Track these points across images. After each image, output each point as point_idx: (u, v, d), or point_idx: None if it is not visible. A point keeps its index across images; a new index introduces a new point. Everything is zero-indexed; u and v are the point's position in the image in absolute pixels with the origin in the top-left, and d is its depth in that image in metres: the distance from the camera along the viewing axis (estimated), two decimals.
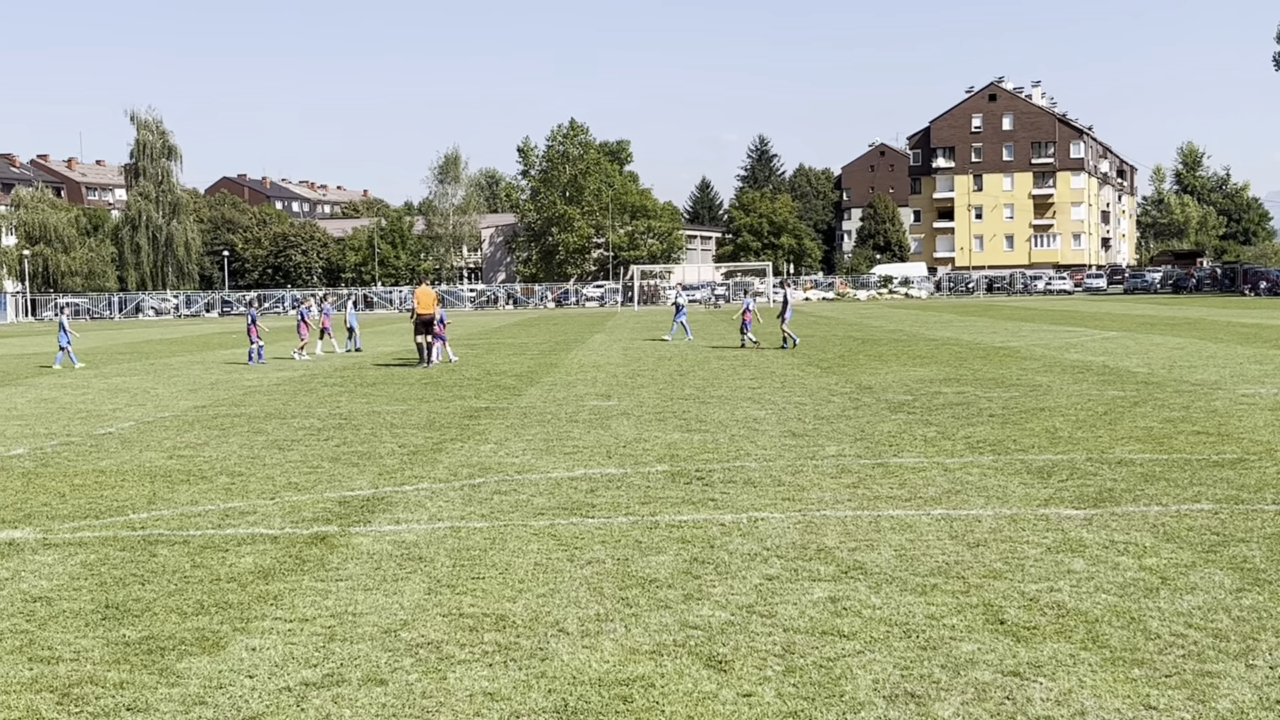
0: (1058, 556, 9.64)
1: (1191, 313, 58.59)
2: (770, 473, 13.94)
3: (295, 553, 10.38)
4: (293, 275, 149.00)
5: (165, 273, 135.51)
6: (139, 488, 13.96)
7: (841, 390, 23.19)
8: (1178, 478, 12.95)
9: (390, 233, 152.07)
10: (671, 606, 8.51)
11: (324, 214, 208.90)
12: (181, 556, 10.35)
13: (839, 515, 11.45)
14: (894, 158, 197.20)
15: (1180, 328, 43.86)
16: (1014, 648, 7.46)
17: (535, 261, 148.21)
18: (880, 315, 67.35)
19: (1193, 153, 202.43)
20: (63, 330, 37.30)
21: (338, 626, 8.23)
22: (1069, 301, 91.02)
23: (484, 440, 17.36)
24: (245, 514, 12.23)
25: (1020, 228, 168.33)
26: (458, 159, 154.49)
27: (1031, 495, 12.21)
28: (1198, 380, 23.25)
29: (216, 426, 19.86)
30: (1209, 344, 34.01)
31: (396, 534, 11.08)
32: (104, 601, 8.97)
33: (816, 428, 17.84)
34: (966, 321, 54.42)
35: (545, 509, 12.10)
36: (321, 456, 16.09)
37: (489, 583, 9.25)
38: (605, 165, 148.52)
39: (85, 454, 16.97)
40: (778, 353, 34.90)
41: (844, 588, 8.88)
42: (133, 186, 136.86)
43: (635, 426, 18.49)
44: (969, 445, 15.68)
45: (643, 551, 10.14)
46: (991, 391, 22.12)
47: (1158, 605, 8.25)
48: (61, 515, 12.40)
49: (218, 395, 25.65)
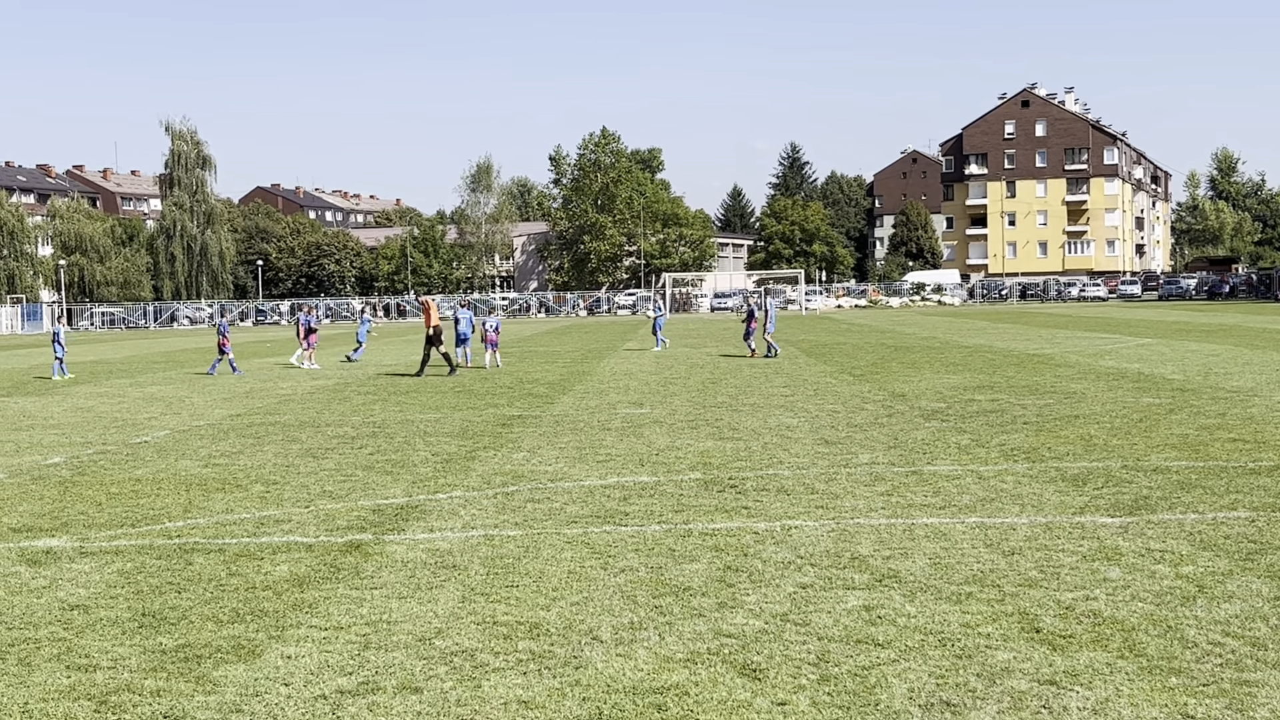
0: (1094, 565, 9.59)
1: (1227, 319, 58.22)
2: (803, 480, 13.91)
3: (330, 561, 10.41)
4: (326, 284, 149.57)
5: (200, 282, 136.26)
6: (175, 496, 14.04)
7: (874, 398, 23.13)
8: (1214, 485, 12.87)
9: (423, 241, 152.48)
10: (705, 615, 8.50)
11: (357, 223, 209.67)
12: (217, 565, 10.40)
13: (873, 523, 11.43)
14: (926, 164, 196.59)
15: (1215, 334, 43.59)
16: (1050, 656, 7.42)
17: (567, 270, 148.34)
18: (913, 322, 67.17)
19: (1227, 158, 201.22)
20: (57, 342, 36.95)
21: (372, 634, 8.25)
22: (1103, 308, 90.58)
23: (517, 448, 17.39)
24: (280, 522, 12.28)
25: (1054, 234, 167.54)
26: (490, 168, 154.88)
27: (1067, 503, 12.15)
28: (1233, 387, 23.11)
29: (251, 435, 19.95)
30: (1244, 350, 33.79)
31: (430, 542, 11.11)
32: (140, 609, 9.02)
33: (850, 435, 17.80)
34: (1000, 328, 54.21)
35: (578, 517, 12.10)
36: (355, 465, 16.14)
37: (523, 591, 9.26)
38: (637, 173, 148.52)
39: (121, 463, 17.07)
40: (810, 360, 34.83)
41: (878, 596, 8.86)
42: (167, 196, 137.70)
43: (668, 434, 18.49)
44: (1003, 453, 15.62)
45: (676, 560, 10.13)
46: (1025, 399, 22.03)
47: (1195, 614, 8.20)
48: (98, 524, 12.48)
49: (252, 404, 25.76)
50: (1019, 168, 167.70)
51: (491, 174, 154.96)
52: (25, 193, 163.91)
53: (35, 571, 10.38)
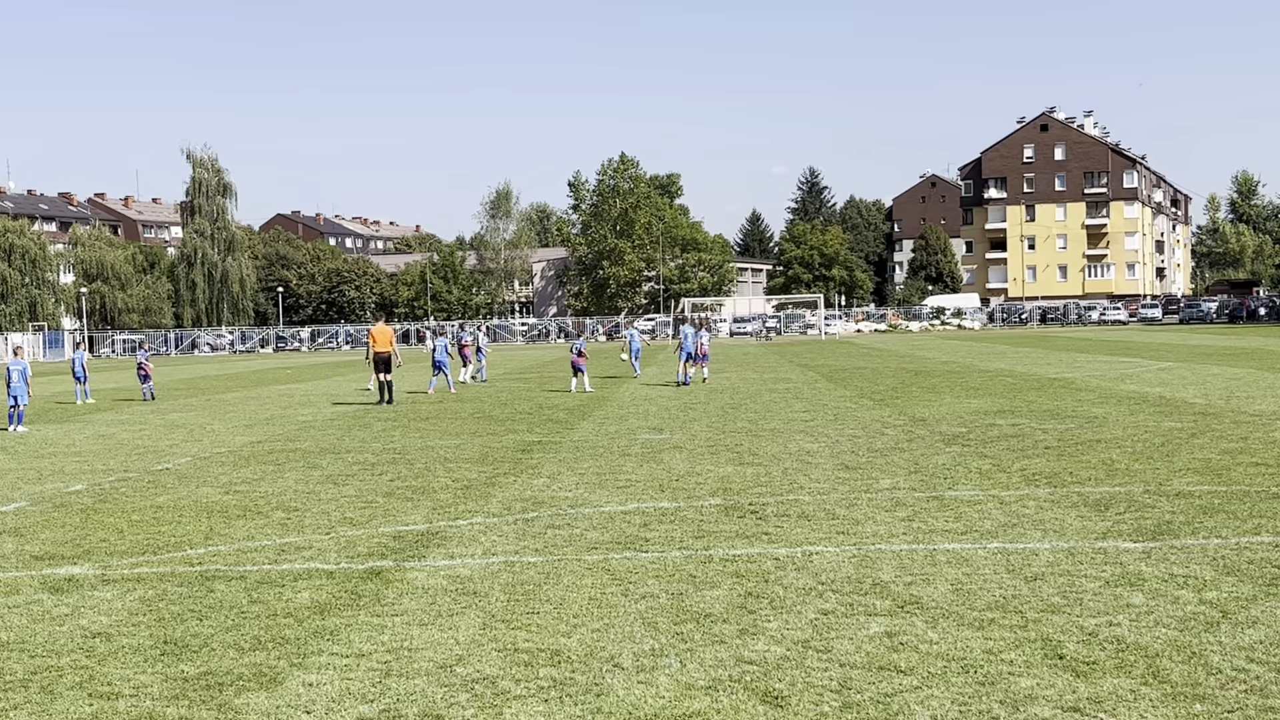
0: (1116, 590, 9.54)
1: (1248, 343, 57.99)
2: (824, 506, 13.89)
3: (351, 588, 10.42)
4: (346, 311, 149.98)
5: (220, 309, 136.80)
6: (196, 523, 14.07)
7: (895, 423, 23.09)
8: (1237, 510, 12.81)
9: (442, 268, 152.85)
10: (726, 641, 8.49)
11: (377, 249, 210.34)
12: (239, 592, 10.41)
13: (894, 549, 11.39)
14: (945, 189, 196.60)
15: (1237, 358, 43.42)
16: (1073, 683, 7.39)
17: (586, 295, 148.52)
18: (933, 347, 67.06)
19: (1247, 181, 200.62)
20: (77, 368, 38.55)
21: (394, 662, 8.25)
22: (1124, 332, 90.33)
23: (537, 474, 17.39)
24: (301, 549, 12.30)
25: (1074, 258, 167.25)
26: (509, 194, 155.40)
27: (1089, 528, 12.11)
28: (1256, 411, 23.01)
29: (272, 462, 19.99)
30: (1267, 374, 33.65)
31: (451, 569, 11.11)
32: (162, 637, 9.04)
33: (870, 460, 17.77)
34: (1020, 353, 54.09)
35: (599, 543, 12.10)
36: (376, 491, 16.16)
37: (544, 617, 9.25)
38: (656, 199, 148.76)
39: (143, 490, 17.12)
40: (830, 385, 34.77)
41: (900, 622, 8.83)
42: (188, 224, 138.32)
43: (688, 460, 18.47)
44: (1024, 478, 15.57)
45: (697, 586, 10.12)
46: (1046, 423, 21.97)
47: (1219, 639, 8.16)
48: (120, 551, 12.51)
49: (273, 430, 25.83)
50: (1038, 191, 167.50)
51: (511, 200, 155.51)
52: (47, 221, 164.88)
53: (57, 599, 10.41)
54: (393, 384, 32.98)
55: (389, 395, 32.59)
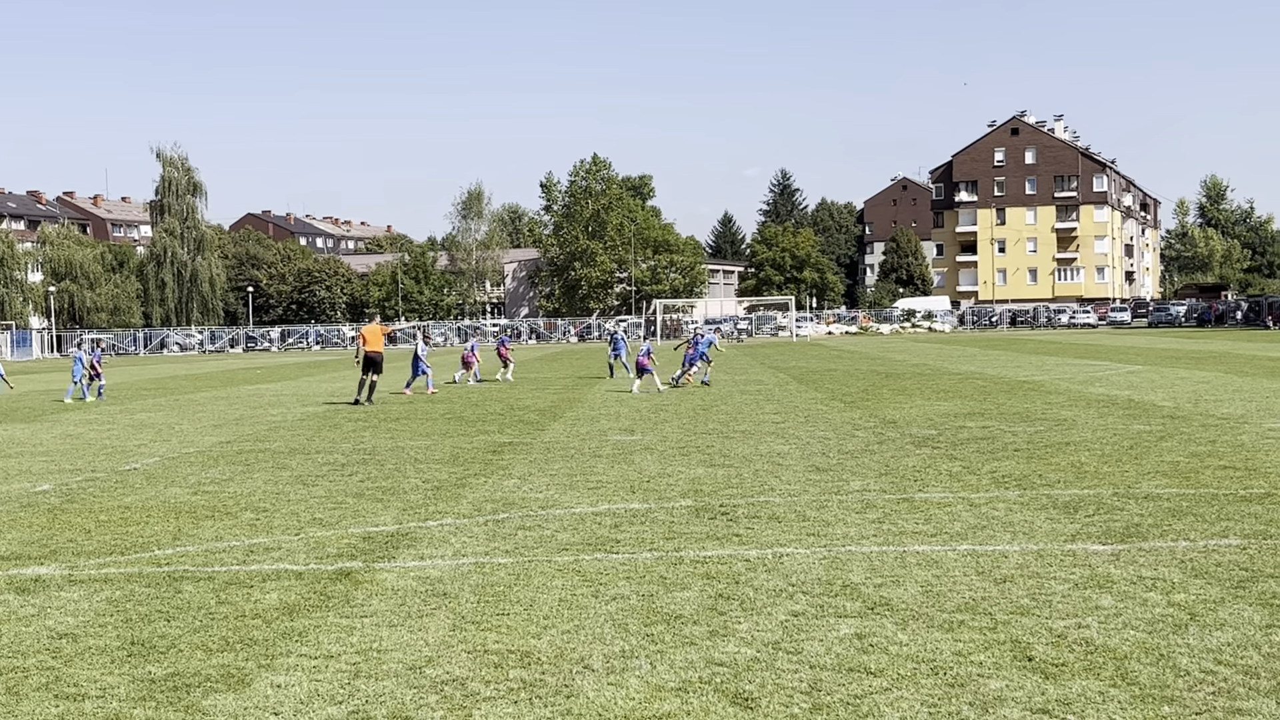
0: (1085, 592, 9.58)
1: (1216, 346, 58.34)
2: (795, 508, 13.90)
3: (320, 589, 10.38)
4: (317, 311, 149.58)
5: (190, 308, 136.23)
6: (164, 524, 13.99)
7: (865, 425, 23.14)
8: (1205, 512, 12.87)
9: (414, 268, 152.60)
10: (697, 643, 8.48)
11: (348, 250, 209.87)
12: (206, 593, 10.36)
13: (864, 551, 11.41)
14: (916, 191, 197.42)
15: (1205, 361, 43.67)
16: (1042, 685, 7.41)
17: (558, 296, 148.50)
18: (903, 349, 67.23)
19: (1216, 186, 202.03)
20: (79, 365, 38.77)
21: (363, 663, 8.22)
22: (1093, 335, 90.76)
23: (508, 475, 17.36)
24: (270, 550, 12.24)
25: (1043, 261, 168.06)
26: (480, 194, 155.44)
27: (1058, 530, 12.15)
28: (1224, 414, 23.14)
29: (241, 462, 19.90)
30: (1234, 378, 33.85)
31: (421, 570, 11.07)
32: (129, 638, 8.98)
33: (841, 462, 17.80)
34: (990, 355, 54.28)
35: (569, 544, 12.08)
36: (346, 492, 16.10)
37: (514, 619, 9.23)
38: (627, 200, 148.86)
39: (110, 490, 17.02)
40: (801, 387, 34.81)
41: (870, 624, 8.84)
42: (158, 223, 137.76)
43: (659, 461, 18.47)
44: (994, 480, 15.62)
45: (667, 587, 10.11)
46: (1016, 426, 22.05)
47: (1187, 642, 8.19)
48: (87, 551, 12.43)
49: (242, 431, 25.72)
50: (1009, 195, 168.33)
51: (482, 200, 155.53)
52: (15, 219, 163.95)
53: (23, 600, 10.33)
54: (375, 384, 32.85)
55: (369, 395, 32.47)
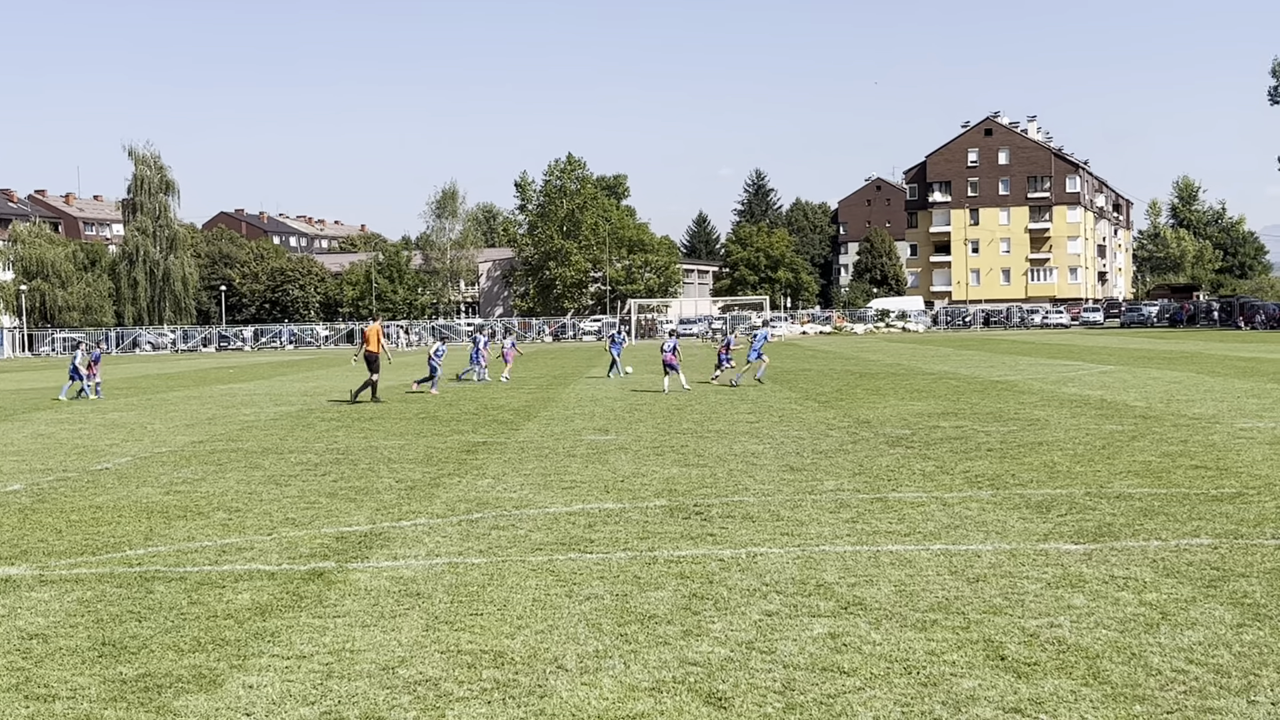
0: (1058, 592, 9.61)
1: (1188, 346, 58.63)
2: (769, 507, 13.91)
3: (292, 589, 10.34)
4: (290, 310, 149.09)
5: (162, 308, 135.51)
6: (135, 524, 13.92)
7: (839, 424, 23.17)
8: (1177, 512, 12.93)
9: (388, 267, 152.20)
10: (670, 643, 8.48)
11: (321, 249, 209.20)
12: (178, 593, 10.31)
13: (838, 550, 11.42)
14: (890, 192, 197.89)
15: (1177, 361, 43.87)
16: (1015, 684, 7.43)
17: (532, 295, 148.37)
18: (877, 349, 67.37)
19: (1188, 187, 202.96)
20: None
21: (335, 664, 8.19)
22: (1066, 335, 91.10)
23: (481, 475, 17.33)
24: (242, 550, 12.19)
25: (1017, 262, 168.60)
26: (455, 194, 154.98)
27: (1031, 530, 12.19)
28: (1195, 414, 23.25)
29: (213, 462, 19.82)
30: (1206, 378, 34.01)
31: (394, 570, 11.04)
32: (100, 639, 8.93)
33: (815, 462, 17.82)
34: (964, 355, 54.44)
35: (543, 544, 12.06)
36: (319, 492, 16.05)
37: (487, 619, 9.21)
38: (602, 200, 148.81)
39: (82, 490, 16.93)
40: (775, 386, 34.85)
41: (844, 624, 8.85)
42: (130, 221, 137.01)
43: (633, 461, 18.46)
44: (967, 480, 15.66)
45: (641, 587, 10.10)
46: (989, 426, 22.11)
47: (1158, 641, 8.22)
48: (58, 552, 12.36)
49: (214, 430, 25.62)
50: (982, 195, 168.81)
51: (457, 200, 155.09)
52: None
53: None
54: (377, 383, 32.97)
55: (374, 394, 32.74)
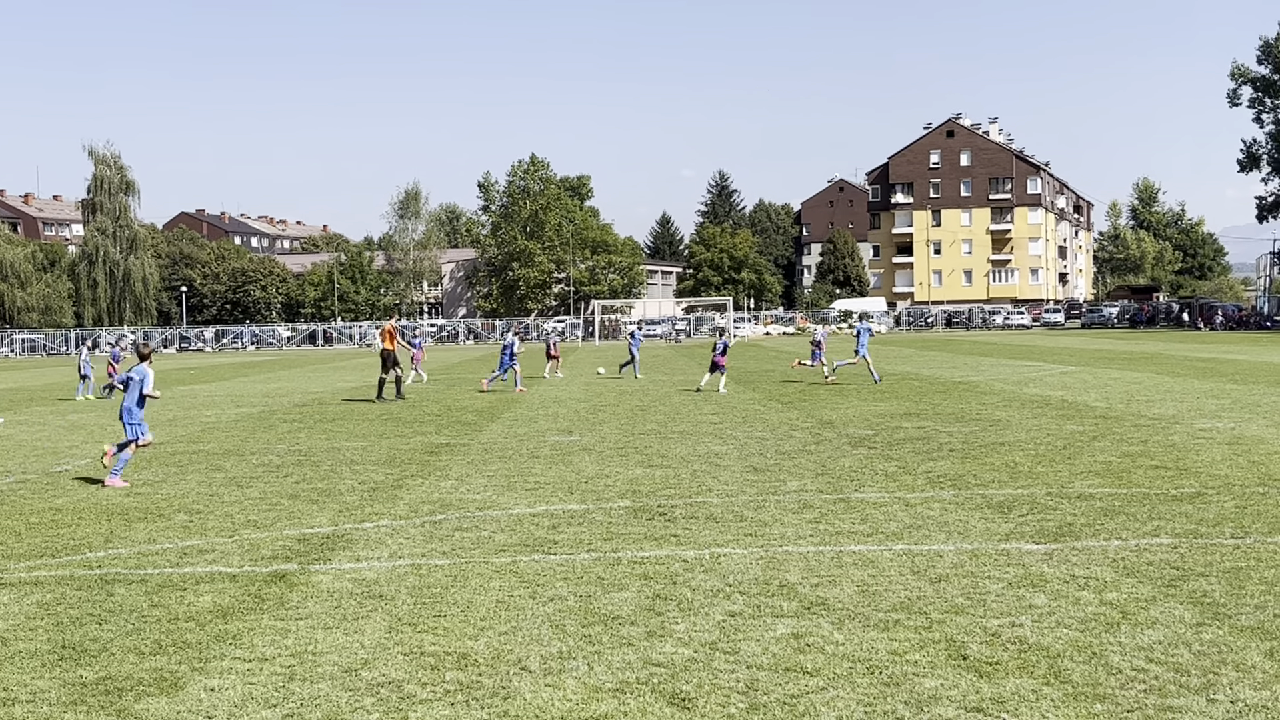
0: (1019, 591, 9.66)
1: (1148, 347, 59.02)
2: (732, 508, 13.93)
3: (254, 591, 10.29)
4: (252, 311, 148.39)
5: (123, 308, 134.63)
6: (95, 526, 13.83)
7: (802, 425, 23.22)
8: (1137, 512, 13.01)
9: (350, 268, 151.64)
10: (634, 644, 8.48)
11: (283, 249, 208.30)
12: (139, 595, 10.24)
13: (801, 551, 11.45)
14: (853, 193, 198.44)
15: (1137, 362, 44.16)
16: (977, 684, 7.46)
17: (496, 296, 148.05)
18: (840, 350, 67.47)
19: (1148, 189, 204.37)
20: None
21: (297, 666, 8.16)
22: (1027, 336, 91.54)
23: (445, 476, 17.29)
24: (204, 552, 12.12)
25: (978, 263, 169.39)
26: (418, 194, 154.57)
27: (992, 530, 12.24)
28: (1155, 414, 23.40)
29: (174, 464, 19.71)
30: (1166, 378, 34.25)
31: (357, 572, 11.00)
32: (60, 641, 8.87)
33: (778, 463, 17.85)
34: (926, 356, 54.63)
35: (507, 546, 12.04)
36: (280, 494, 15.98)
37: (450, 621, 9.19)
38: (566, 200, 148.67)
39: (41, 492, 16.80)
40: (738, 387, 34.88)
41: (807, 624, 8.87)
42: (90, 222, 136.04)
43: (597, 462, 18.45)
44: (930, 480, 15.72)
45: (605, 588, 10.10)
46: (951, 426, 22.20)
47: (1119, 640, 8.28)
48: (17, 554, 12.26)
49: (175, 432, 25.47)
50: (944, 197, 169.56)
51: (420, 200, 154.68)
52: None
53: None
54: (400, 380, 33.42)
55: (398, 391, 33.08)
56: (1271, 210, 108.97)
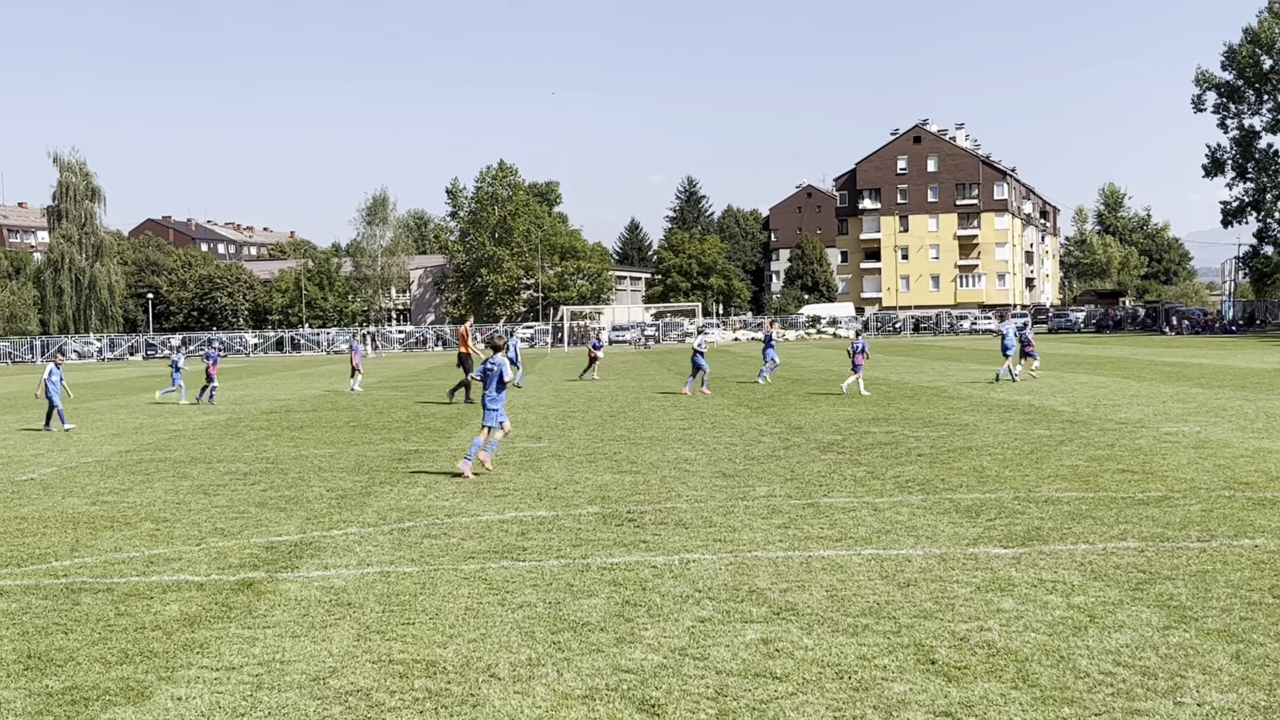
0: (987, 595, 9.69)
1: (1115, 352, 59.32)
2: (701, 514, 13.93)
3: (222, 600, 10.24)
4: (219, 318, 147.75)
5: (88, 316, 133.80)
6: (61, 534, 13.74)
7: (771, 430, 23.25)
8: (1104, 516, 13.07)
9: (318, 274, 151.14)
10: (604, 650, 8.47)
11: (250, 256, 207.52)
12: (105, 604, 10.18)
13: (770, 556, 11.46)
14: (821, 199, 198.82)
15: (1104, 366, 44.38)
16: (945, 688, 7.48)
17: (464, 303, 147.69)
18: (809, 355, 67.67)
19: (1114, 194, 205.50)
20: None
21: (265, 675, 8.12)
22: (994, 341, 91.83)
23: (413, 483, 17.25)
24: (170, 561, 12.06)
25: (946, 268, 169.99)
26: (386, 200, 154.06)
27: (960, 534, 12.28)
28: (1122, 419, 23.52)
29: (141, 471, 19.60)
30: (1132, 383, 34.43)
31: (325, 579, 10.96)
32: (26, 651, 8.81)
33: (747, 468, 17.87)
34: (894, 361, 54.79)
35: (476, 552, 12.02)
36: (248, 501, 15.91)
37: (419, 628, 9.16)
38: (534, 206, 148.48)
39: (6, 500, 16.69)
40: (708, 394, 34.89)
41: (776, 629, 8.88)
42: (55, 229, 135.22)
43: (566, 468, 18.44)
44: (898, 485, 15.76)
45: (574, 595, 10.09)
46: (919, 431, 22.27)
47: (1086, 644, 8.31)
48: None
49: (142, 440, 25.33)
50: (911, 202, 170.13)
51: (387, 206, 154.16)
52: None
53: None
54: (469, 384, 33.25)
55: (467, 394, 33.21)
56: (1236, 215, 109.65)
